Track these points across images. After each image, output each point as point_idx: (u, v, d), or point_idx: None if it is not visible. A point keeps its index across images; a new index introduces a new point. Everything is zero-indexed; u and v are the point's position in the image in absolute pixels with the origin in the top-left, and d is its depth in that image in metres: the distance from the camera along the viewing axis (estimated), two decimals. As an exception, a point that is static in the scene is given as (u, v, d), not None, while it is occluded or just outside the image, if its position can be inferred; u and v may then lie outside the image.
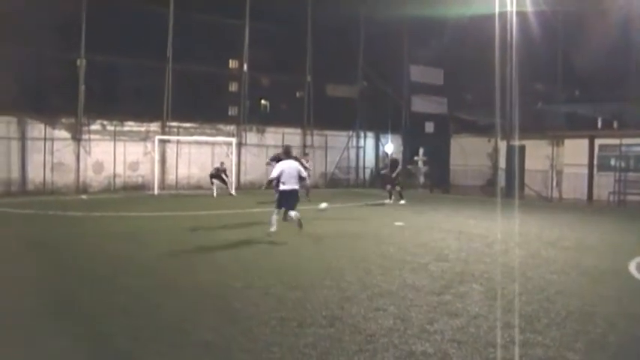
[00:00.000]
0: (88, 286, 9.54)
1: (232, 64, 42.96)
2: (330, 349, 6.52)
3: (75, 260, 11.90)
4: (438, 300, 8.64)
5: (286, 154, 16.01)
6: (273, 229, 14.63)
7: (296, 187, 14.98)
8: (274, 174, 14.98)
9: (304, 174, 15.52)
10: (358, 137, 39.74)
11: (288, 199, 14.87)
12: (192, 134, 32.54)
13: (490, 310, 8.16)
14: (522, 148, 31.42)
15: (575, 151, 30.33)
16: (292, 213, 14.87)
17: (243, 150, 34.37)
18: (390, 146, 39.36)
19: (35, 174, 28.12)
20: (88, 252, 12.93)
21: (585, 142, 30.11)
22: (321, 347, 6.56)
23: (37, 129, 28.30)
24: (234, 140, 32.77)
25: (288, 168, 14.79)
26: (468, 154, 34.50)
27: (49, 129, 28.62)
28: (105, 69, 35.14)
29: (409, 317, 7.73)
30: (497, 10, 29.27)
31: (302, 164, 16.72)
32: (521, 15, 29.45)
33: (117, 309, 8.08)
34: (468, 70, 34.90)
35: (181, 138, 31.69)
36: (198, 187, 31.66)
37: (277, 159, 17.62)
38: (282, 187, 14.72)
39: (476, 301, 8.60)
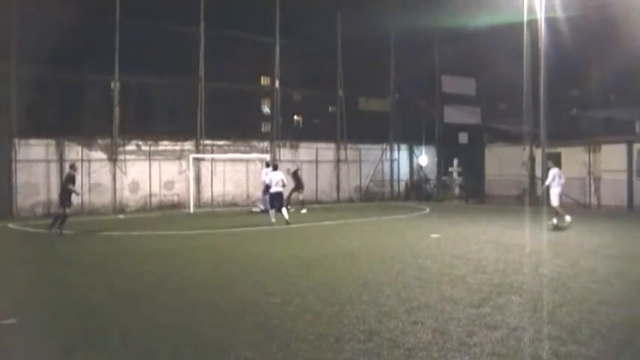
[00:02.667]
0: (128, 305, 9.61)
1: (264, 80, 43.15)
2: (369, 363, 6.49)
3: (115, 279, 12.01)
4: (477, 312, 8.54)
5: (274, 168, 23.45)
6: (273, 220, 21.75)
7: (281, 190, 22.23)
8: (267, 181, 22.81)
9: (285, 182, 22.80)
10: (392, 150, 39.61)
11: (276, 199, 22.15)
12: (226, 152, 32.71)
13: (530, 321, 8.04)
14: (558, 156, 31.04)
15: (612, 156, 29.90)
16: (283, 210, 22.08)
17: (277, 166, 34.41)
18: (424, 158, 39.22)
19: (73, 195, 28.37)
20: (128, 271, 13.06)
21: (623, 147, 29.65)
22: (360, 362, 6.53)
23: (74, 151, 28.71)
24: (268, 156, 32.87)
25: (275, 177, 22.26)
26: (503, 163, 34.18)
27: (85, 150, 29.02)
28: (139, 90, 35.58)
29: (448, 330, 7.65)
30: (525, 18, 29.11)
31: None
32: (552, 21, 29.16)
33: (157, 327, 8.15)
34: (500, 79, 34.66)
35: (215, 156, 31.87)
36: (234, 204, 31.83)
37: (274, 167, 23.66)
38: (271, 190, 22.11)
39: (515, 313, 8.48)
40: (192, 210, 29.10)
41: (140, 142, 30.73)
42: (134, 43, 29.93)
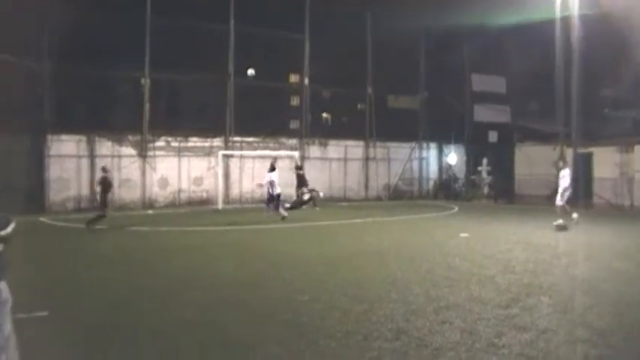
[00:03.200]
0: (155, 300, 9.65)
1: (293, 78, 43.21)
2: (397, 362, 6.46)
3: (143, 274, 12.10)
4: (506, 313, 8.44)
5: (273, 168, 24.05)
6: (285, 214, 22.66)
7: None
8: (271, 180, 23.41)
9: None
10: (421, 148, 39.44)
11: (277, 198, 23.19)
12: (255, 148, 32.83)
13: (560, 323, 7.92)
14: (590, 156, 30.68)
15: (646, 157, 29.45)
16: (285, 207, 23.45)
17: (306, 163, 34.43)
18: (453, 157, 38.99)
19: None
20: (156, 266, 13.13)
21: (657, 147, 29.22)
22: (387, 361, 6.50)
23: (104, 147, 29.04)
24: (297, 154, 32.90)
25: (276, 177, 23.29)
26: (533, 162, 33.82)
27: (116, 146, 29.33)
28: (169, 86, 35.80)
29: (476, 331, 7.58)
30: (558, 15, 28.78)
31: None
32: (585, 18, 28.80)
33: (184, 323, 8.16)
34: (531, 78, 34.33)
35: (244, 153, 31.98)
36: (262, 201, 31.87)
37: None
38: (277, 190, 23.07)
39: (544, 315, 8.36)
40: (220, 206, 29.21)
41: (169, 139, 30.96)
42: (164, 39, 30.14)
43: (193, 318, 8.43)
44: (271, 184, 23.02)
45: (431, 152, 40.07)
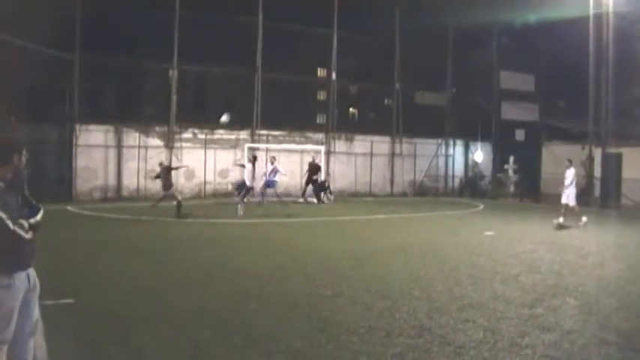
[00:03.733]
0: (179, 292, 9.72)
1: (321, 72, 43.20)
2: (418, 359, 6.42)
3: (168, 265, 12.16)
4: (530, 313, 8.38)
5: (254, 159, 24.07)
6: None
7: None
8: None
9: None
10: (447, 145, 39.23)
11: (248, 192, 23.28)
12: (281, 142, 32.86)
13: (585, 325, 7.84)
14: (619, 156, 30.29)
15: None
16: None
17: (332, 158, 34.44)
18: (480, 154, 38.75)
19: (130, 181, 29.02)
20: (181, 257, 13.19)
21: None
22: (409, 358, 6.49)
23: (132, 137, 29.25)
24: (322, 148, 32.90)
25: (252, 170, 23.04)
26: (560, 162, 33.38)
27: (143, 137, 29.52)
28: (196, 78, 35.96)
29: (499, 330, 7.53)
30: (591, 12, 28.45)
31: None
32: (618, 16, 28.42)
33: (208, 315, 8.21)
34: (560, 76, 33.98)
35: (270, 146, 32.00)
36: (287, 194, 31.92)
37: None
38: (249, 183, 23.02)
39: (569, 316, 8.29)
40: (245, 199, 29.24)
41: (196, 131, 31.11)
42: (193, 32, 30.28)
43: (216, 310, 8.48)
44: (247, 175, 22.70)
45: (457, 149, 39.83)
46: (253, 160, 23.97)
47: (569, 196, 20.66)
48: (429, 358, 6.46)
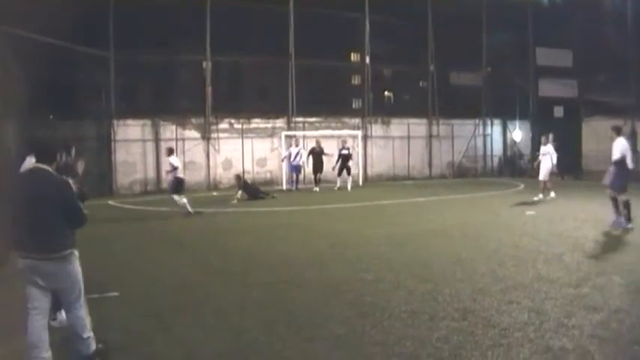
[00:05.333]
0: (221, 281, 9.78)
1: (354, 57, 43.00)
2: (463, 343, 6.37)
3: (208, 255, 12.25)
4: (575, 293, 8.22)
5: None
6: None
7: None
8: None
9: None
10: (485, 125, 38.77)
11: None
12: (317, 129, 32.79)
13: (633, 304, 7.68)
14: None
15: None
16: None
17: (369, 142, 34.31)
18: (518, 133, 38.26)
19: (169, 173, 29.25)
20: (221, 247, 13.29)
21: None
22: (454, 341, 6.43)
23: (169, 130, 29.49)
24: (359, 133, 32.78)
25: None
26: (602, 138, 32.66)
27: (180, 129, 29.73)
28: (230, 69, 36.06)
29: (544, 311, 7.41)
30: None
31: None
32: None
33: (250, 303, 8.25)
34: (599, 49, 33.28)
35: (307, 133, 31.97)
36: (326, 181, 31.90)
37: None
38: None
39: (616, 295, 8.10)
40: (284, 187, 29.32)
41: (232, 121, 31.22)
42: (225, 22, 30.36)
43: (258, 298, 8.51)
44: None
45: (495, 129, 39.32)
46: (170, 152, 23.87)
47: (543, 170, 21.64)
48: (474, 341, 6.39)
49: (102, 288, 8.96)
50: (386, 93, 51.21)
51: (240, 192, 23.79)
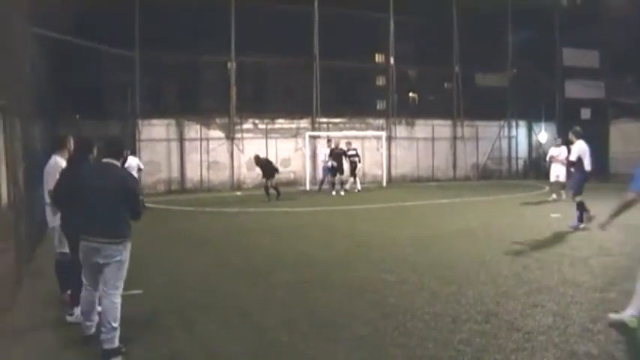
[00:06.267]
0: (246, 280, 9.77)
1: (379, 58, 42.93)
2: (486, 345, 6.30)
3: (232, 254, 12.26)
4: (601, 297, 8.10)
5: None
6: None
7: None
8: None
9: None
10: (510, 127, 38.51)
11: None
12: (341, 129, 32.77)
13: (661, 309, 7.54)
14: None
15: None
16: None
17: (393, 143, 34.23)
18: (544, 135, 37.95)
19: (193, 173, 29.46)
20: (244, 246, 13.29)
21: None
22: (477, 344, 6.36)
23: (193, 130, 29.68)
24: (383, 134, 32.72)
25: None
26: (630, 140, 32.40)
27: (204, 129, 29.92)
28: (255, 69, 36.15)
29: (569, 315, 7.29)
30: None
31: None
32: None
33: (273, 303, 8.24)
34: (626, 50, 32.91)
35: (331, 133, 31.93)
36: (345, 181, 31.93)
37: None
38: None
39: (644, 300, 7.96)
40: (308, 187, 29.34)
41: (257, 121, 31.33)
42: (250, 23, 30.45)
43: (282, 298, 8.50)
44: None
45: (520, 130, 39.05)
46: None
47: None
48: (497, 344, 6.31)
49: (125, 285, 8.85)
50: (410, 94, 51.07)
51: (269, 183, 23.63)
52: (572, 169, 15.07)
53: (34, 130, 13.77)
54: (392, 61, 34.91)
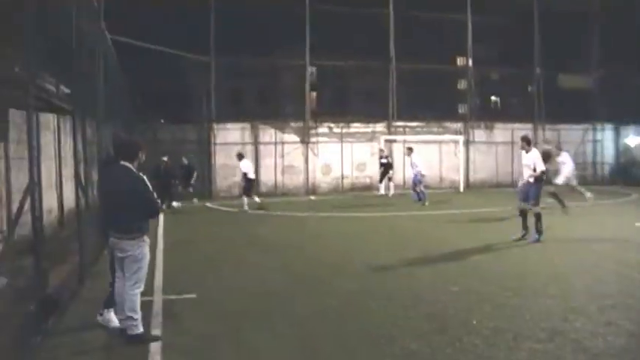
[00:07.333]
0: (305, 288, 9.58)
1: (460, 61, 42.15)
2: (546, 368, 5.81)
3: (294, 260, 12.09)
4: (687, 317, 7.41)
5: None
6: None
7: None
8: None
9: None
10: (595, 130, 37.08)
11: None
12: (418, 133, 32.23)
13: None
14: None
15: None
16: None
17: (471, 148, 33.45)
18: (633, 139, 36.36)
19: (267, 177, 29.49)
20: (311, 252, 13.08)
21: None
22: (535, 366, 5.88)
23: (268, 134, 29.77)
24: (461, 138, 32.01)
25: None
26: None
27: (279, 133, 29.94)
28: (331, 73, 36.04)
29: (647, 336, 6.68)
30: None
31: None
32: None
33: (327, 312, 7.99)
34: None
35: (407, 137, 31.44)
36: (425, 186, 31.25)
37: None
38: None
39: None
40: (383, 192, 28.93)
41: (332, 125, 31.14)
42: (327, 27, 30.35)
43: (337, 307, 8.22)
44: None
45: (606, 134, 37.52)
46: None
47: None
48: (559, 366, 5.82)
49: (181, 289, 8.99)
50: (492, 97, 50.03)
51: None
52: (528, 180, 14.00)
53: (105, 134, 13.94)
54: (470, 63, 34.15)
